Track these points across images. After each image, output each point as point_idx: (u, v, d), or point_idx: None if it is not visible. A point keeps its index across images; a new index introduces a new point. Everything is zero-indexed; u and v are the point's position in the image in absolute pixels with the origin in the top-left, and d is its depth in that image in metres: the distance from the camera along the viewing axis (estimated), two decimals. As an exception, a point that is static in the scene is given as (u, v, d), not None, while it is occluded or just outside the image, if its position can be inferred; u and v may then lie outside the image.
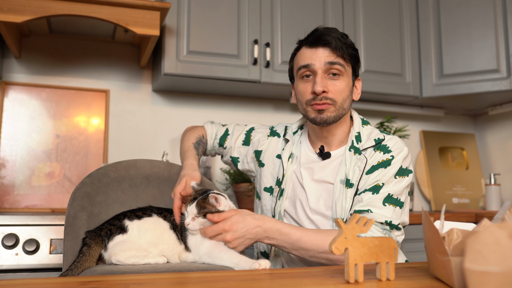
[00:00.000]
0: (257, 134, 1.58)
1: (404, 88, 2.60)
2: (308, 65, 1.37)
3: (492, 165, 3.01)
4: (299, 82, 1.41)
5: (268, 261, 1.06)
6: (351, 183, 1.34)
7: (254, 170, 1.57)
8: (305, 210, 1.39)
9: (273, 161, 1.50)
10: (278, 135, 1.55)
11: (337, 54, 1.36)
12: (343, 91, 1.37)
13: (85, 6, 1.91)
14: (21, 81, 2.32)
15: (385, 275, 0.81)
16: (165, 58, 2.20)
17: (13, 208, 2.20)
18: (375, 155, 1.36)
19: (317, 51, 1.37)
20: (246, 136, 1.59)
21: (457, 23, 2.59)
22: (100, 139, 2.39)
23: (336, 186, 1.35)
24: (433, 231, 0.77)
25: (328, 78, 1.36)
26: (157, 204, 1.38)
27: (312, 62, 1.37)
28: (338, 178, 1.36)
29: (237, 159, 1.59)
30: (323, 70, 1.36)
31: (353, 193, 1.33)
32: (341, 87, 1.37)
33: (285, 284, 0.79)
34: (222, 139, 1.61)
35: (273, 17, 2.40)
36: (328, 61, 1.35)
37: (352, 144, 1.40)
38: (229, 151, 1.59)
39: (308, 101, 1.38)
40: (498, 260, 0.61)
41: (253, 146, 1.56)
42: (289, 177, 1.43)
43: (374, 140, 1.38)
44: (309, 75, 1.38)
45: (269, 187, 1.48)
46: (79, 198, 1.31)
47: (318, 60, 1.36)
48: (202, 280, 0.82)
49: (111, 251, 1.17)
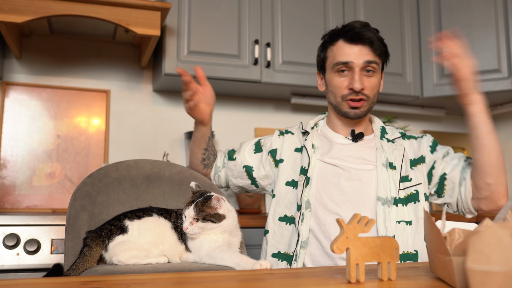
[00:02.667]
0: (266, 139, 1.60)
1: (405, 88, 2.60)
2: (348, 62, 1.42)
3: (493, 165, 3.01)
4: (334, 76, 1.46)
5: (269, 261, 1.06)
6: (394, 166, 1.42)
7: (271, 173, 1.55)
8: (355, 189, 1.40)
9: (292, 155, 1.51)
10: (291, 133, 1.57)
11: (375, 53, 1.43)
12: (376, 86, 1.46)
13: (86, 6, 1.91)
14: (21, 81, 2.33)
15: (386, 275, 0.80)
16: (166, 58, 2.20)
17: (14, 208, 2.20)
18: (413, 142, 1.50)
19: (356, 48, 1.42)
20: (256, 145, 1.60)
21: (458, 23, 2.59)
22: (101, 139, 2.39)
23: (379, 168, 1.40)
24: (434, 231, 0.77)
25: (363, 74, 1.43)
26: (158, 204, 1.38)
27: (352, 60, 1.42)
28: (380, 162, 1.42)
29: (251, 167, 1.57)
30: (361, 67, 1.42)
31: (398, 175, 1.41)
32: (375, 83, 1.45)
33: (286, 284, 0.79)
34: (231, 153, 1.60)
35: (273, 17, 2.40)
36: (367, 60, 1.42)
37: (381, 134, 1.50)
38: (241, 162, 1.57)
39: (344, 96, 1.44)
40: (500, 260, 0.61)
41: (266, 149, 1.57)
42: (314, 165, 1.44)
43: (399, 132, 1.53)
44: (345, 70, 1.43)
45: (291, 180, 1.48)
46: (80, 198, 1.31)
47: (358, 58, 1.41)
48: (203, 280, 0.82)
49: (112, 251, 1.17)
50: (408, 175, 1.43)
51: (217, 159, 1.62)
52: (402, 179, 1.42)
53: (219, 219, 1.18)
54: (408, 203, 1.40)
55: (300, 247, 1.38)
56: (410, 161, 1.46)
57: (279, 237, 1.46)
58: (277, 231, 1.47)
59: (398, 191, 1.39)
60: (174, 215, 1.25)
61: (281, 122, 2.70)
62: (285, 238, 1.45)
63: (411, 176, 1.43)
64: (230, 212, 1.22)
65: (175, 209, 1.28)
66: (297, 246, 1.38)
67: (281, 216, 1.47)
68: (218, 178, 1.62)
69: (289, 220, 1.45)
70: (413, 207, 1.40)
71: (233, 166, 1.59)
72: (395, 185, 1.39)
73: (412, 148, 1.49)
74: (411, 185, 1.42)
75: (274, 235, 1.47)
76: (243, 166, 1.57)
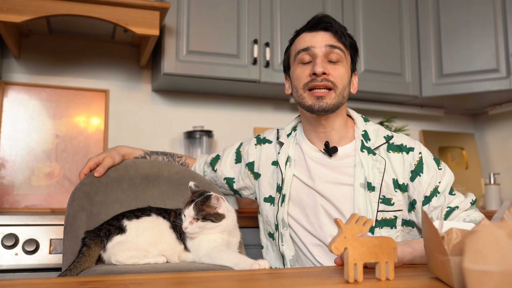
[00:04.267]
0: (245, 147, 1.51)
1: (404, 87, 2.60)
2: (308, 47, 1.31)
3: (491, 164, 3.02)
4: (296, 68, 1.34)
5: (268, 261, 1.06)
6: (373, 186, 1.28)
7: (251, 185, 1.49)
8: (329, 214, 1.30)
9: (268, 169, 1.42)
10: (269, 142, 1.47)
11: (337, 38, 1.31)
12: (344, 77, 1.31)
13: (85, 6, 1.90)
14: (20, 81, 2.32)
15: (384, 275, 0.81)
16: (165, 58, 2.20)
17: (13, 208, 2.20)
18: (398, 157, 1.31)
19: (317, 35, 1.32)
20: (237, 154, 1.52)
21: (457, 22, 2.59)
22: (100, 139, 2.39)
23: (356, 190, 1.27)
24: (432, 230, 0.77)
25: (327, 62, 1.30)
26: (157, 204, 1.38)
27: (312, 45, 1.30)
28: (358, 182, 1.28)
29: (232, 179, 1.51)
30: (324, 53, 1.30)
31: (377, 196, 1.27)
32: (342, 72, 1.31)
33: (284, 283, 0.79)
34: (213, 162, 1.55)
35: (272, 17, 2.40)
36: (329, 44, 1.30)
37: (362, 144, 1.33)
38: (222, 174, 1.52)
39: (305, 84, 1.30)
40: (497, 260, 0.61)
41: (244, 160, 1.49)
42: (288, 181, 1.35)
43: (383, 137, 1.34)
44: (308, 61, 1.32)
45: (268, 196, 1.41)
46: (78, 198, 1.31)
47: (319, 43, 1.30)
48: (201, 280, 0.82)
49: (110, 251, 1.17)
50: (391, 199, 1.29)
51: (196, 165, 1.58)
52: (383, 200, 1.29)
53: (219, 219, 1.18)
54: (384, 227, 1.28)
55: (290, 265, 1.35)
56: (394, 181, 1.30)
57: (271, 252, 1.44)
58: (269, 247, 1.44)
59: (376, 215, 1.27)
60: (173, 214, 1.25)
61: (280, 122, 2.70)
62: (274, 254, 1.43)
63: (394, 201, 1.29)
64: (230, 212, 1.22)
65: (174, 209, 1.28)
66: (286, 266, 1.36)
67: (269, 232, 1.43)
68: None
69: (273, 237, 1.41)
70: (387, 233, 1.29)
71: (215, 177, 1.55)
72: (373, 209, 1.27)
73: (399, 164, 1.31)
74: (392, 210, 1.29)
75: (267, 250, 1.45)
76: (223, 178, 1.53)
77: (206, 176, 1.57)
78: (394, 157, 1.32)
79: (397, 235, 1.30)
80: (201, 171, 1.58)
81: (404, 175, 1.30)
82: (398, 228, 1.30)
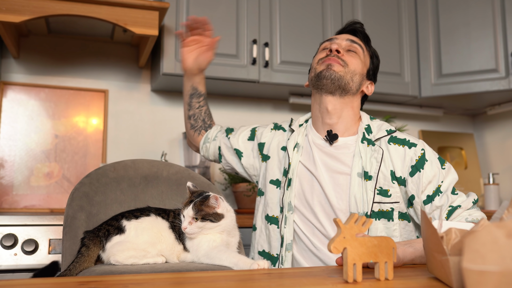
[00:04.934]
0: (260, 129, 1.57)
1: (403, 87, 2.60)
2: (332, 39, 1.45)
3: (490, 164, 3.02)
4: (317, 54, 1.46)
5: (267, 261, 1.06)
6: (370, 176, 1.30)
7: (257, 165, 1.53)
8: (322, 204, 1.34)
9: (278, 154, 1.47)
10: (283, 129, 1.53)
11: (359, 37, 1.46)
12: (357, 65, 1.41)
13: (84, 6, 1.90)
14: (19, 81, 2.32)
15: (383, 275, 0.81)
16: (164, 58, 2.20)
17: (12, 208, 2.19)
18: (399, 150, 1.33)
19: (342, 35, 1.47)
20: (252, 132, 1.57)
21: (456, 22, 2.59)
22: (99, 139, 2.39)
23: (353, 179, 1.31)
24: (431, 230, 0.77)
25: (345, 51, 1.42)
26: (156, 204, 1.38)
27: (336, 37, 1.45)
28: (355, 171, 1.31)
29: (241, 153, 1.54)
30: (344, 44, 1.43)
31: (373, 185, 1.29)
32: (356, 61, 1.41)
33: (283, 283, 0.79)
34: (228, 131, 1.59)
35: (272, 17, 2.40)
36: (350, 39, 1.43)
37: (363, 136, 1.37)
38: (233, 143, 1.55)
39: (320, 60, 1.41)
40: (496, 260, 0.61)
41: (257, 139, 1.54)
42: (295, 166, 1.40)
43: (386, 130, 1.37)
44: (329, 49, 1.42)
45: (275, 179, 1.44)
46: (77, 198, 1.31)
47: (342, 37, 1.45)
48: (200, 280, 0.82)
49: (109, 252, 1.17)
50: (388, 190, 1.30)
51: (211, 130, 1.60)
52: (380, 192, 1.30)
53: (218, 219, 1.18)
54: (381, 218, 1.30)
55: (285, 249, 1.35)
56: (391, 172, 1.31)
57: (264, 235, 1.45)
58: (263, 229, 1.46)
59: (371, 205, 1.28)
60: (172, 215, 1.25)
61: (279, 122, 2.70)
62: (268, 238, 1.43)
63: (391, 192, 1.31)
64: (229, 212, 1.22)
65: (173, 209, 1.28)
66: (282, 249, 1.36)
67: (267, 215, 1.45)
68: (206, 149, 1.60)
69: (272, 221, 1.43)
70: (384, 225, 1.30)
71: (226, 144, 1.57)
72: (368, 198, 1.28)
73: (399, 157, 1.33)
74: (389, 201, 1.30)
75: (261, 233, 1.46)
76: (234, 149, 1.55)
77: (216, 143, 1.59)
78: (394, 149, 1.34)
79: (395, 228, 1.31)
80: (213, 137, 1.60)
81: (403, 169, 1.32)
82: (395, 221, 1.31)
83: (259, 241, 1.46)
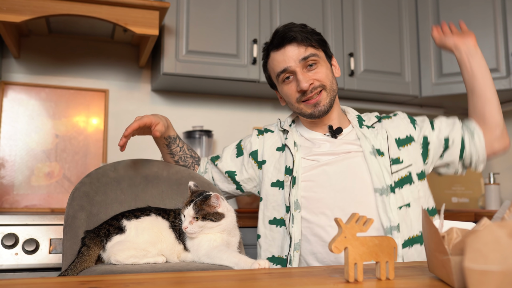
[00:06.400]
0: (246, 141, 1.57)
1: (403, 87, 2.60)
2: (285, 69, 1.40)
3: (491, 164, 3.02)
4: (283, 86, 1.44)
5: (268, 261, 1.06)
6: (382, 152, 1.39)
7: (255, 176, 1.52)
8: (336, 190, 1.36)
9: (273, 155, 1.48)
10: (271, 131, 1.54)
11: (305, 45, 1.39)
12: (327, 74, 1.42)
13: (84, 6, 1.90)
14: (20, 81, 2.32)
15: (384, 274, 0.81)
16: (164, 58, 2.20)
17: (13, 208, 2.19)
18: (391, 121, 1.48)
19: (286, 50, 1.39)
20: (238, 148, 1.57)
21: (456, 22, 2.58)
22: (99, 138, 2.39)
23: (367, 157, 1.37)
24: (432, 230, 0.77)
25: (307, 71, 1.40)
26: (156, 204, 1.38)
27: (287, 65, 1.39)
28: (367, 151, 1.39)
29: (233, 172, 1.53)
30: (300, 66, 1.39)
31: (387, 159, 1.38)
32: (323, 71, 1.41)
33: (284, 283, 0.79)
34: (214, 159, 1.58)
35: (272, 16, 2.40)
36: (301, 58, 1.38)
37: (360, 123, 1.47)
38: (222, 167, 1.54)
39: (298, 99, 1.41)
40: (497, 259, 0.61)
41: (247, 151, 1.53)
42: (298, 164, 1.40)
43: (375, 117, 1.50)
44: (289, 76, 1.41)
45: (276, 181, 1.44)
46: (78, 198, 1.31)
47: (292, 59, 1.39)
48: (201, 280, 0.82)
49: (110, 251, 1.17)
50: (399, 157, 1.41)
51: (201, 165, 1.58)
52: (393, 161, 1.39)
53: (219, 218, 1.18)
54: (404, 185, 1.38)
55: (294, 249, 1.35)
56: (396, 141, 1.44)
57: (271, 240, 1.43)
58: (268, 235, 1.44)
59: (391, 176, 1.36)
60: (172, 214, 1.25)
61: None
62: (277, 241, 1.42)
63: (402, 158, 1.41)
64: (229, 211, 1.22)
65: (173, 209, 1.28)
66: (290, 249, 1.35)
67: (270, 219, 1.44)
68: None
69: (279, 223, 1.42)
70: (409, 189, 1.38)
71: (217, 172, 1.56)
72: (388, 172, 1.36)
73: (392, 128, 1.46)
74: (403, 167, 1.40)
75: (266, 239, 1.44)
76: (225, 172, 1.54)
77: (208, 175, 1.57)
78: (388, 123, 1.48)
79: (419, 189, 1.40)
80: (204, 170, 1.58)
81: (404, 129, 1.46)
82: (416, 182, 1.40)
83: (266, 248, 1.44)
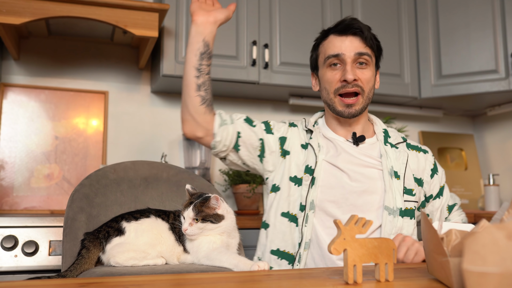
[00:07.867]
0: (276, 125, 1.50)
1: (403, 88, 2.60)
2: (338, 54, 1.39)
3: (491, 165, 3.02)
4: (326, 71, 1.42)
5: (267, 262, 1.06)
6: (398, 175, 1.38)
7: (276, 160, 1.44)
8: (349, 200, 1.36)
9: (297, 150, 1.44)
10: (296, 126, 1.51)
11: (366, 44, 1.40)
12: (370, 80, 1.42)
13: (84, 8, 1.91)
14: (20, 82, 2.32)
15: (384, 276, 0.81)
16: (164, 60, 2.20)
17: (12, 209, 2.19)
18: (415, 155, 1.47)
19: (347, 40, 1.40)
20: (266, 126, 1.48)
21: (456, 23, 2.59)
22: (99, 140, 2.39)
23: (386, 177, 1.37)
24: (431, 232, 0.77)
25: (356, 67, 1.39)
26: (156, 206, 1.38)
27: (342, 52, 1.38)
28: (386, 170, 1.38)
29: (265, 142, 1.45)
30: (353, 59, 1.38)
31: (401, 184, 1.38)
32: (369, 75, 1.41)
33: (283, 285, 0.79)
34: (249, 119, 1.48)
35: (271, 18, 2.40)
36: (358, 52, 1.38)
37: (385, 139, 1.45)
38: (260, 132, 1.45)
39: (336, 90, 1.39)
40: (496, 261, 0.61)
41: (278, 133, 1.47)
42: (320, 165, 1.39)
43: (401, 137, 1.49)
44: (337, 63, 1.40)
45: (293, 176, 1.41)
46: (77, 199, 1.31)
47: (349, 50, 1.38)
48: (201, 282, 0.82)
49: (109, 253, 1.17)
50: (412, 190, 1.40)
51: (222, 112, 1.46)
52: (406, 191, 1.39)
53: (218, 220, 1.18)
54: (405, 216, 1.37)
55: (304, 248, 1.34)
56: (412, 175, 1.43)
57: (279, 233, 1.40)
58: (277, 227, 1.40)
59: (403, 202, 1.36)
60: (172, 216, 1.25)
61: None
62: (284, 236, 1.39)
63: (415, 191, 1.41)
64: (229, 213, 1.22)
65: (173, 211, 1.28)
66: (301, 247, 1.34)
67: (284, 212, 1.40)
68: (226, 133, 1.40)
69: (290, 218, 1.39)
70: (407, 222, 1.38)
71: (250, 132, 1.43)
72: (400, 195, 1.36)
73: (415, 162, 1.46)
74: (413, 200, 1.40)
75: (275, 230, 1.40)
76: (259, 139, 1.44)
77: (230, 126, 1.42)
78: (411, 154, 1.46)
79: (414, 227, 1.40)
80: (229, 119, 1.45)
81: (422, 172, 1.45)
82: (414, 220, 1.41)
83: (272, 239, 1.40)
